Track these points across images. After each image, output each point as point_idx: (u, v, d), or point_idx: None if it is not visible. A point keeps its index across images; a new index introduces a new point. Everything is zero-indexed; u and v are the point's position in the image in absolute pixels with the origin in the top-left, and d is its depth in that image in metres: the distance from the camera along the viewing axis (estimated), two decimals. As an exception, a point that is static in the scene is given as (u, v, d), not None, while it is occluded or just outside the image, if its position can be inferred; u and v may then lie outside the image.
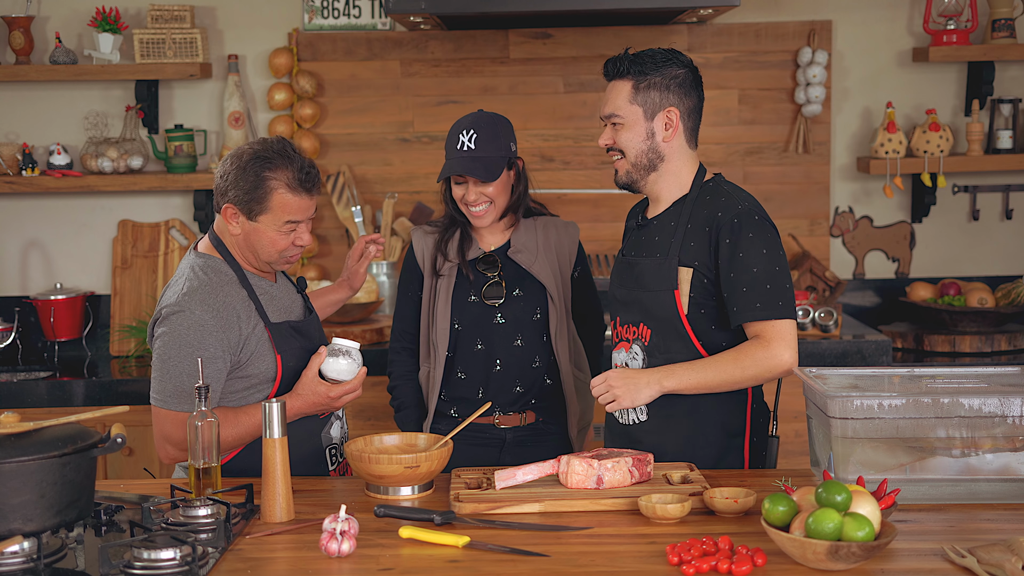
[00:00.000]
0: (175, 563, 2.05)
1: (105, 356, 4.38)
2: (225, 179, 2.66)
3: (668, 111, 2.68)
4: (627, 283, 2.77)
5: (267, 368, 2.70)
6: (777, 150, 4.45)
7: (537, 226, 3.16)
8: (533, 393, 3.14)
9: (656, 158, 2.71)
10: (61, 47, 4.29)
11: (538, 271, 3.11)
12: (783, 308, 2.60)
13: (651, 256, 2.72)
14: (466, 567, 2.08)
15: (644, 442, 2.73)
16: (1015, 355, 4.13)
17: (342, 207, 4.36)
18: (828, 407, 2.33)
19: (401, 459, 2.44)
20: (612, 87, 2.72)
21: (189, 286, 2.64)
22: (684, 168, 2.74)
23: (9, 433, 2.04)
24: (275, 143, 2.67)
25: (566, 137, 4.44)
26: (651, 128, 2.69)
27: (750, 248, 2.60)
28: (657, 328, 2.69)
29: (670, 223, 2.72)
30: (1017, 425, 2.32)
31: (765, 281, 2.59)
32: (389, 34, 4.41)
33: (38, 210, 4.50)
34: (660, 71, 2.67)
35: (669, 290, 2.66)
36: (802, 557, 2.01)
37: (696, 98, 2.73)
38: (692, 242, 2.66)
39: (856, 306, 4.52)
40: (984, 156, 4.32)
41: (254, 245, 2.70)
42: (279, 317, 2.75)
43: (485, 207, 3.05)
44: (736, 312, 2.61)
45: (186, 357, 2.59)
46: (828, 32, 4.38)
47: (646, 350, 2.72)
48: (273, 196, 2.64)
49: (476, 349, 3.10)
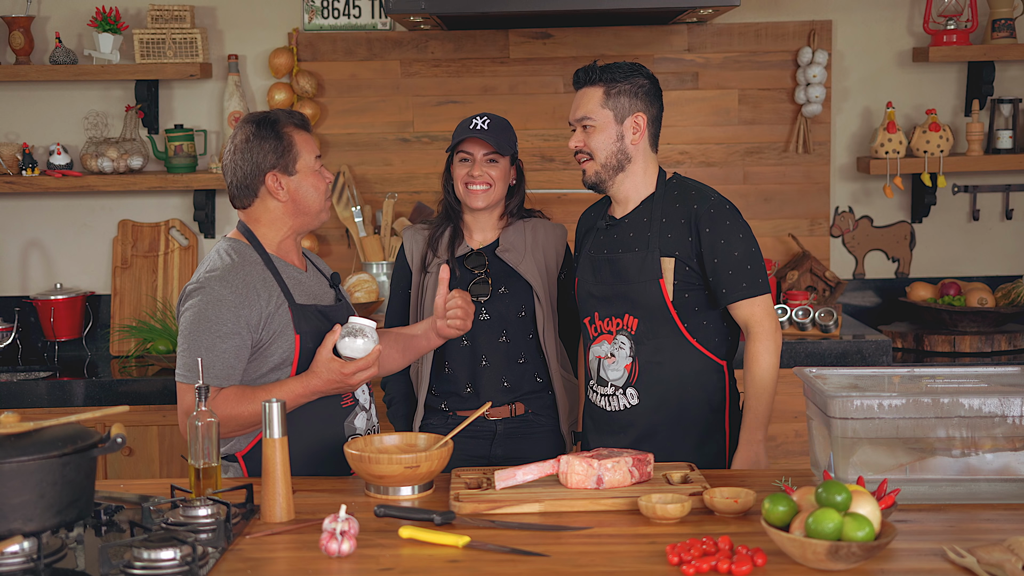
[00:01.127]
0: (175, 563, 2.05)
1: (105, 356, 4.38)
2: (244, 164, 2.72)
3: (636, 116, 2.91)
4: (605, 279, 2.95)
5: (290, 348, 2.70)
6: (777, 150, 4.45)
7: (527, 227, 3.26)
8: (523, 389, 3.19)
9: (624, 159, 2.92)
10: (61, 47, 4.29)
11: (525, 270, 3.19)
12: (763, 284, 2.88)
13: (630, 251, 2.92)
14: (466, 567, 2.08)
15: (636, 425, 2.92)
16: (1015, 355, 4.13)
17: (342, 207, 4.36)
18: (828, 407, 2.33)
19: (401, 459, 2.44)
20: (583, 93, 2.94)
21: (212, 265, 2.71)
22: (648, 168, 2.96)
23: (9, 433, 2.04)
24: (252, 115, 2.78)
25: (566, 137, 4.43)
26: (620, 131, 2.91)
27: (729, 235, 2.86)
28: (644, 317, 2.90)
29: (643, 219, 2.93)
30: (1017, 425, 2.32)
31: (746, 263, 2.86)
32: (389, 34, 4.41)
33: (38, 210, 4.50)
34: (628, 80, 2.91)
35: (654, 280, 2.88)
36: (802, 557, 2.01)
37: (658, 108, 2.97)
38: (670, 234, 2.89)
39: (856, 306, 4.52)
40: (984, 156, 4.32)
41: (304, 200, 2.76)
42: (306, 301, 2.76)
43: (485, 188, 3.15)
44: (725, 293, 2.87)
45: (205, 332, 2.63)
46: (828, 32, 4.38)
47: (633, 339, 2.90)
48: (296, 139, 2.75)
49: (462, 345, 3.16)
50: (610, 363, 2.93)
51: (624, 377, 2.91)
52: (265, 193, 2.74)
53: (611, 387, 2.94)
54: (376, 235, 4.36)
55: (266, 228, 2.77)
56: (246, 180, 2.74)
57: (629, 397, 2.92)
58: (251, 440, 2.73)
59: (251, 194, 2.75)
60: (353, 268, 4.42)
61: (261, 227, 2.77)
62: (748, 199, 4.42)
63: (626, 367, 2.91)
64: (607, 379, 2.94)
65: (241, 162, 2.73)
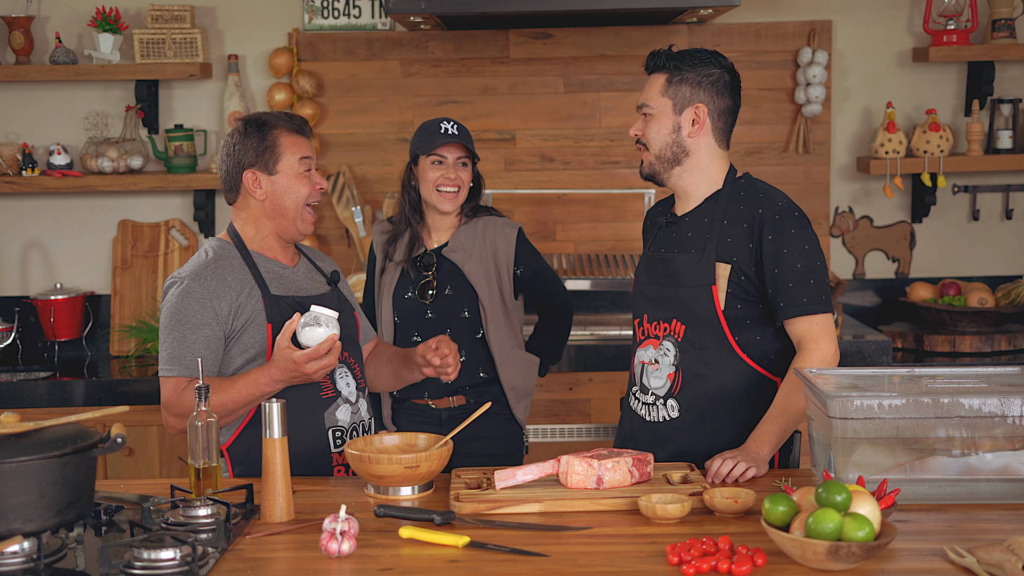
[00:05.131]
0: (175, 563, 2.05)
1: (105, 356, 4.38)
2: (228, 160, 2.78)
3: (696, 107, 2.71)
4: (658, 279, 2.77)
5: (263, 338, 2.72)
6: (777, 150, 4.45)
7: (478, 226, 3.35)
8: (464, 383, 3.34)
9: (680, 152, 2.73)
10: (61, 47, 4.29)
11: (470, 270, 3.30)
12: (826, 303, 2.64)
13: (685, 252, 2.73)
14: (466, 567, 2.08)
15: (675, 439, 2.73)
16: (1015, 355, 4.13)
17: (342, 207, 4.36)
18: (828, 407, 2.33)
19: (401, 459, 2.44)
20: (650, 80, 2.77)
21: (189, 262, 2.78)
22: (713, 165, 2.75)
23: (9, 433, 2.04)
24: (251, 115, 2.82)
25: (566, 137, 4.44)
26: (678, 122, 2.72)
27: (794, 244, 2.63)
28: (692, 324, 2.69)
29: (703, 219, 2.73)
30: (1017, 425, 2.32)
31: (809, 276, 2.63)
32: (389, 34, 4.41)
33: (38, 210, 4.50)
34: (695, 68, 2.71)
35: (706, 285, 2.67)
36: (802, 557, 2.01)
37: (730, 100, 2.75)
38: (729, 238, 2.68)
39: (856, 306, 4.52)
40: (984, 156, 4.32)
41: (282, 202, 2.77)
42: (284, 292, 2.77)
43: (455, 191, 3.27)
44: (782, 308, 2.63)
45: (176, 325, 2.68)
46: (828, 32, 4.38)
47: (679, 346, 2.71)
48: (281, 140, 2.77)
49: (413, 340, 3.33)
50: (653, 369, 2.75)
51: (666, 386, 2.73)
52: (245, 190, 2.79)
53: (652, 395, 2.75)
54: (376, 235, 4.37)
55: (248, 225, 2.82)
56: (229, 176, 2.81)
57: (670, 409, 2.72)
58: (233, 432, 2.73)
59: (234, 190, 2.81)
60: (353, 268, 4.42)
61: (244, 224, 2.82)
62: (748, 199, 4.42)
63: (669, 376, 2.72)
64: (649, 387, 2.76)
65: (226, 157, 2.80)
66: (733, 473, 2.50)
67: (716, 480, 2.49)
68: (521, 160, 4.45)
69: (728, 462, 2.51)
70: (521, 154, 4.45)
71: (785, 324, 2.66)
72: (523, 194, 4.42)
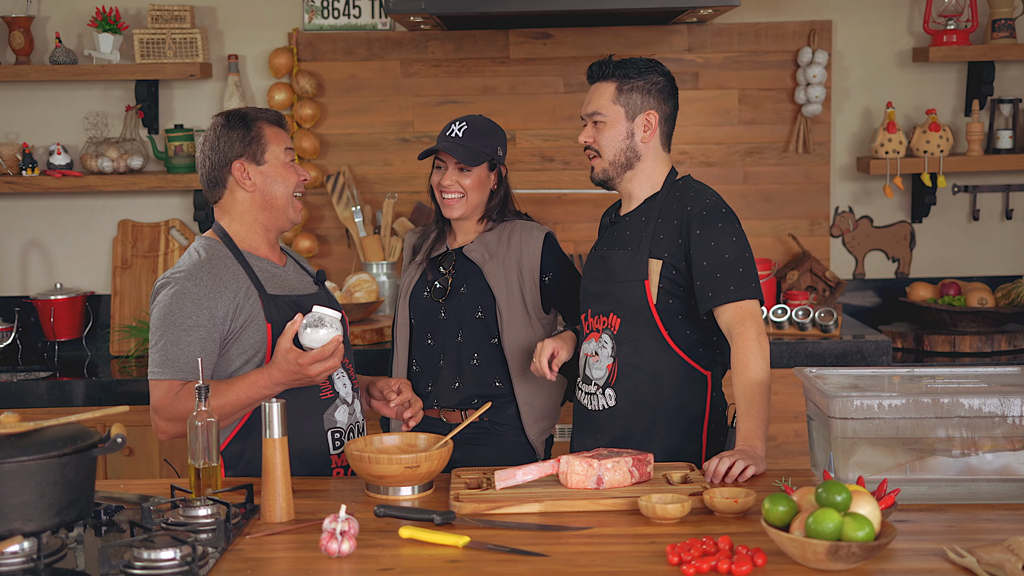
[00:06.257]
0: (175, 563, 2.05)
1: (105, 356, 4.38)
2: (213, 154, 2.75)
3: (648, 114, 2.84)
4: (599, 276, 2.90)
5: (262, 338, 2.70)
6: (777, 150, 4.45)
7: (505, 230, 3.19)
8: (475, 393, 3.13)
9: (633, 157, 2.86)
10: (61, 47, 4.29)
11: (489, 271, 3.13)
12: (755, 289, 2.74)
13: (623, 249, 2.86)
14: (466, 567, 2.08)
15: (612, 427, 2.86)
16: (1015, 355, 4.13)
17: (342, 207, 4.36)
18: (828, 407, 2.33)
19: (401, 459, 2.44)
20: (596, 88, 2.88)
21: (181, 262, 2.74)
22: (657, 168, 2.89)
23: (9, 433, 2.04)
24: (227, 110, 2.82)
25: (566, 137, 4.44)
26: (631, 128, 2.84)
27: (720, 237, 2.75)
28: (627, 317, 2.83)
29: (641, 219, 2.87)
30: (1017, 425, 2.32)
31: (738, 265, 2.74)
32: (389, 34, 4.41)
33: (38, 210, 4.50)
34: (643, 76, 2.84)
35: (639, 280, 2.80)
36: (802, 557, 2.01)
37: (672, 106, 2.89)
38: (662, 235, 2.81)
39: (856, 306, 4.52)
40: (984, 156, 4.32)
41: (271, 192, 2.76)
42: (279, 292, 2.76)
43: (456, 196, 3.12)
44: (711, 297, 2.73)
45: (170, 327, 2.64)
46: (828, 32, 4.38)
47: (615, 339, 2.84)
48: (266, 131, 2.77)
49: (427, 343, 3.19)
50: (594, 361, 2.88)
51: (605, 377, 2.86)
52: (233, 184, 2.76)
53: (594, 386, 2.89)
54: (376, 235, 4.36)
55: (236, 223, 2.78)
56: (214, 171, 2.76)
57: (608, 398, 2.86)
58: (228, 434, 2.72)
59: (220, 185, 2.77)
60: (353, 268, 4.42)
61: (232, 222, 2.78)
62: (748, 199, 4.43)
63: (607, 367, 2.85)
64: (591, 377, 2.89)
65: (210, 152, 2.76)
66: (732, 472, 2.50)
67: (715, 479, 2.50)
68: (521, 160, 4.45)
69: (726, 460, 2.52)
70: (521, 154, 4.45)
71: (715, 313, 2.75)
72: (523, 194, 4.42)
